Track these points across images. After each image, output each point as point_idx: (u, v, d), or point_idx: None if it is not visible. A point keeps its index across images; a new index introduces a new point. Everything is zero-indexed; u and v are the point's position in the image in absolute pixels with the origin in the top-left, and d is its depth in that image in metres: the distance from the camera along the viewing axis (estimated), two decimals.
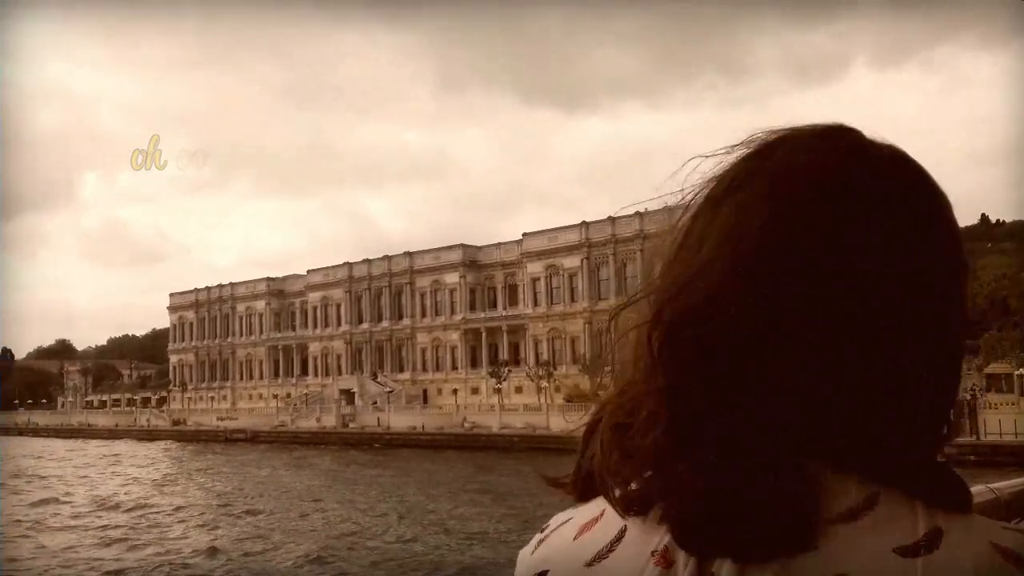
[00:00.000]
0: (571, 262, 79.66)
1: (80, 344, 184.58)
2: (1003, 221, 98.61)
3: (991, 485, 1.53)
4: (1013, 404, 46.80)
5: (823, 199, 0.71)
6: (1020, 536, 0.66)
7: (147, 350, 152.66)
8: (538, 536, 0.82)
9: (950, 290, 0.72)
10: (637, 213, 76.99)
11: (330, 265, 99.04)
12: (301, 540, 26.10)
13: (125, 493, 39.74)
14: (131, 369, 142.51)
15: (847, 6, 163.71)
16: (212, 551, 24.61)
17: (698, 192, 0.76)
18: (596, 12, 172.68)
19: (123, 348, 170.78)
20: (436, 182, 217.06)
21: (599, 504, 0.77)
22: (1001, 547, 0.64)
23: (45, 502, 36.29)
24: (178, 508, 34.34)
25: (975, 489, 0.72)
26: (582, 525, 0.78)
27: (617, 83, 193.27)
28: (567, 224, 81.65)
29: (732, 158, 0.76)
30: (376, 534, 26.99)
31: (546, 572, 0.77)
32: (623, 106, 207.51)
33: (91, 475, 49.47)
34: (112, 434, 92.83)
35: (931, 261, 0.71)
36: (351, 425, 77.52)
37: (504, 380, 75.88)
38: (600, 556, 0.74)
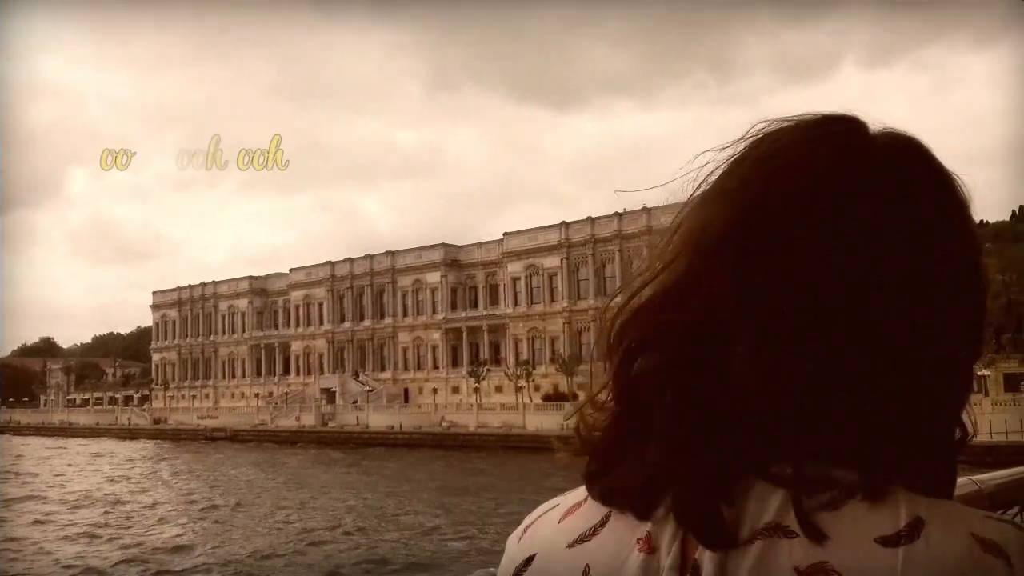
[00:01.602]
0: (551, 262, 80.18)
1: (67, 342, 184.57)
2: (987, 221, 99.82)
3: (974, 477, 1.52)
4: (976, 404, 47.54)
5: (795, 193, 0.70)
6: (1002, 526, 0.66)
7: (132, 348, 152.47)
8: (525, 523, 0.82)
9: (959, 287, 0.71)
10: (616, 213, 77.68)
11: (313, 264, 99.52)
12: (256, 537, 26.62)
13: (95, 490, 40.11)
14: (115, 367, 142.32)
15: (837, 5, 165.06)
16: (173, 549, 25.10)
17: (694, 190, 0.76)
18: (587, 11, 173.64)
19: (108, 346, 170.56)
20: (428, 180, 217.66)
21: (585, 489, 0.78)
22: (982, 538, 0.64)
23: (18, 500, 36.68)
24: (146, 507, 34.75)
25: (958, 481, 0.74)
26: (567, 509, 0.78)
27: (608, 81, 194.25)
28: (547, 224, 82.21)
29: (729, 152, 0.75)
30: (330, 528, 27.54)
31: (533, 556, 0.78)
32: (614, 104, 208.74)
33: (66, 473, 49.84)
34: (93, 432, 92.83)
35: (930, 257, 0.70)
36: (330, 424, 77.91)
37: (483, 379, 76.42)
38: (582, 538, 0.74)
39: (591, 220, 78.37)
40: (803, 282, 0.68)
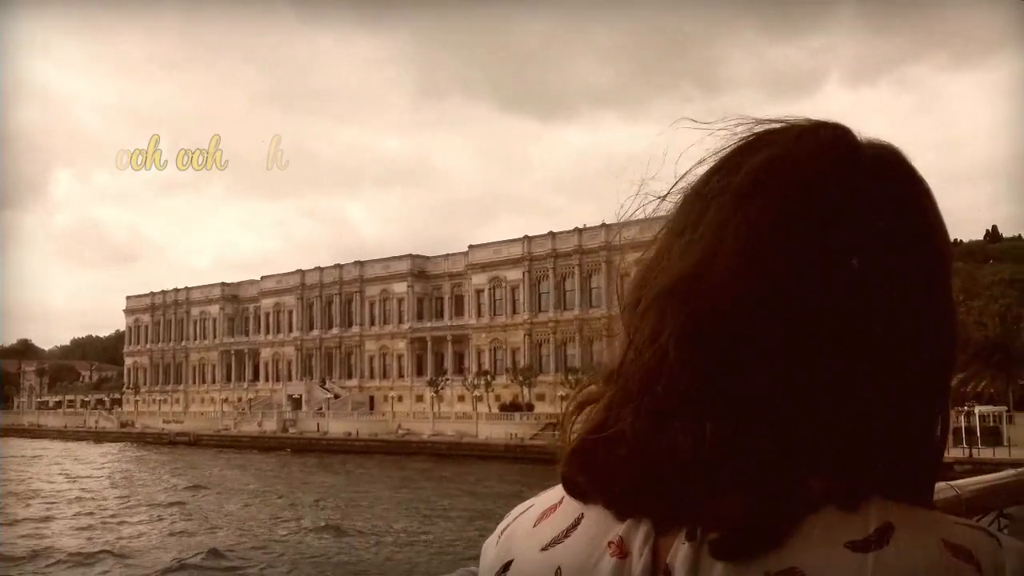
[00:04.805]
0: (514, 275, 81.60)
1: (47, 343, 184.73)
2: (961, 240, 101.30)
3: (952, 483, 1.54)
4: None
5: (806, 212, 0.70)
6: (973, 532, 0.67)
7: (110, 351, 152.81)
8: (501, 526, 0.82)
9: (937, 296, 0.73)
10: (576, 229, 79.31)
11: (284, 272, 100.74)
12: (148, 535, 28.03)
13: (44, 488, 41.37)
14: (91, 370, 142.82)
15: (822, 23, 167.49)
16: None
17: (674, 204, 0.77)
18: (575, 23, 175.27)
19: (86, 349, 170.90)
20: (414, 188, 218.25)
21: (559, 491, 0.78)
22: (952, 544, 0.65)
23: None
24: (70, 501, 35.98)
25: (936, 486, 0.74)
26: (542, 512, 0.79)
27: (595, 94, 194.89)
28: (511, 238, 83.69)
29: (708, 159, 0.77)
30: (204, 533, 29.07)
31: (511, 562, 0.78)
32: (601, 116, 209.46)
33: (14, 470, 51.08)
34: (61, 435, 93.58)
35: (918, 271, 0.71)
36: (291, 430, 79.02)
37: (442, 388, 77.78)
38: (555, 541, 0.75)
39: (552, 235, 79.92)
40: (808, 296, 0.69)
